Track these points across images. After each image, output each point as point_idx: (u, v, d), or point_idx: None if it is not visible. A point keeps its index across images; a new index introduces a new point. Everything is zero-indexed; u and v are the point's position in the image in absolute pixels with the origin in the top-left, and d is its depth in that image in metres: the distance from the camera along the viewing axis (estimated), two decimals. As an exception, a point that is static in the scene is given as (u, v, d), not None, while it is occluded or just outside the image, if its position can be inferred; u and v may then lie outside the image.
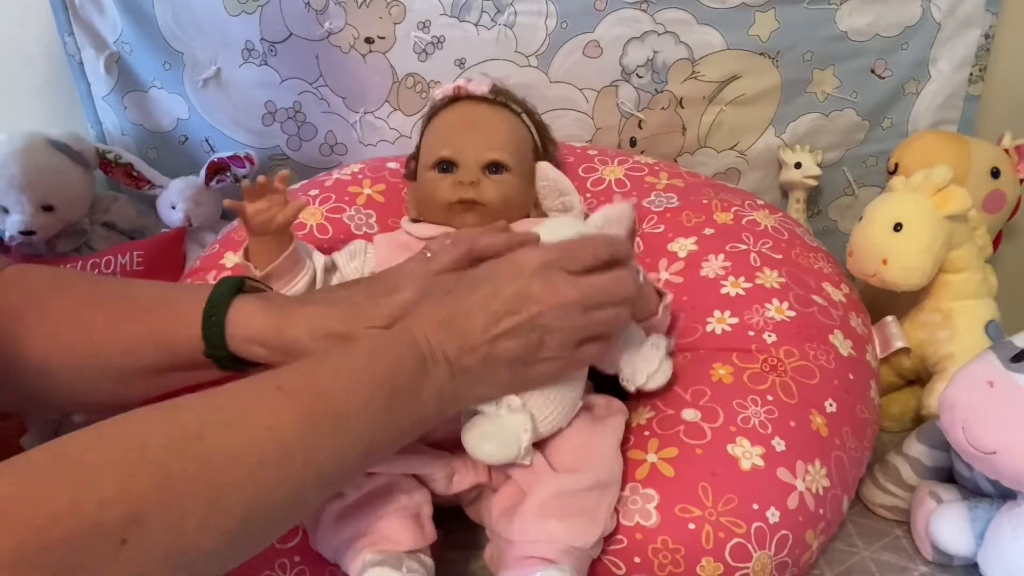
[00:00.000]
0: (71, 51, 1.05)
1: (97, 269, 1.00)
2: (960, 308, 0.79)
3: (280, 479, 0.45)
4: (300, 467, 0.46)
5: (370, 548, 0.55)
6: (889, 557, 0.66)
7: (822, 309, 0.73)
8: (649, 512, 0.59)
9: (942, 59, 1.00)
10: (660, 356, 0.65)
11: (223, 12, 1.00)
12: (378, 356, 0.52)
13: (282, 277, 0.70)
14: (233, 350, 0.60)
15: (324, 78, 1.03)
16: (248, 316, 0.60)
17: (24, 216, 0.99)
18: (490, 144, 0.76)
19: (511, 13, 0.98)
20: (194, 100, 1.07)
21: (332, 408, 0.49)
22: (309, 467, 0.47)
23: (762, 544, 0.58)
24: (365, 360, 0.52)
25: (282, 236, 0.67)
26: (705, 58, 1.00)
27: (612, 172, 0.89)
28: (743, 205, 0.82)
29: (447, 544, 0.65)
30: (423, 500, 0.60)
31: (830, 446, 0.64)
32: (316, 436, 0.47)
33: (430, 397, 0.52)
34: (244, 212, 0.62)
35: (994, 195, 0.89)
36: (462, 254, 0.62)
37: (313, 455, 0.47)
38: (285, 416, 0.47)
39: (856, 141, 1.05)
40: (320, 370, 0.51)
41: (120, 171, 1.06)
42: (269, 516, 0.46)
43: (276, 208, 0.63)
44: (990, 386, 0.57)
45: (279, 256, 0.66)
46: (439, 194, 0.75)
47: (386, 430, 0.51)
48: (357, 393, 0.50)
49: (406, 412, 0.52)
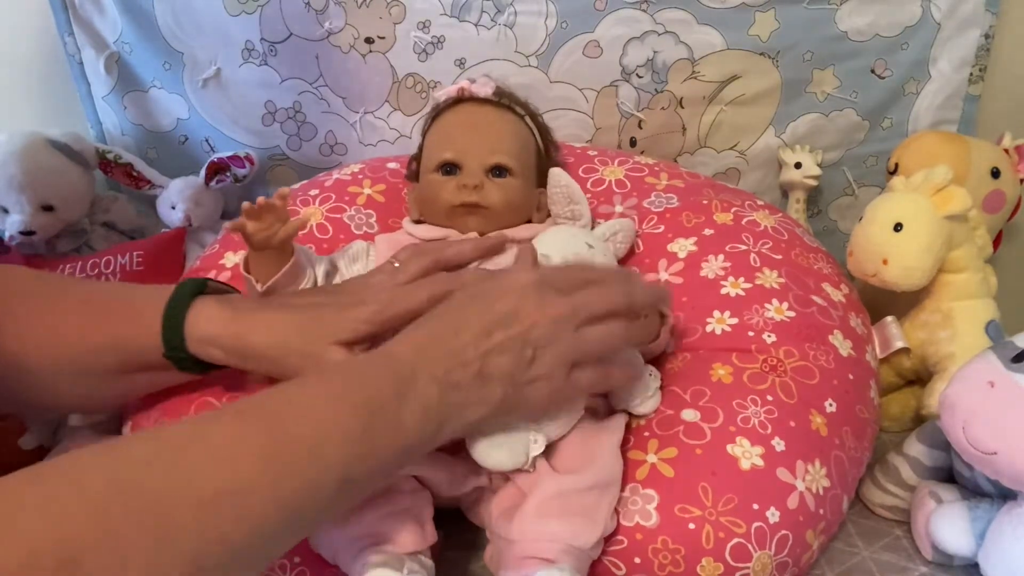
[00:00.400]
0: (71, 51, 1.05)
1: (97, 269, 1.00)
2: (960, 308, 0.79)
3: (237, 517, 0.40)
4: (262, 502, 0.41)
5: (371, 549, 0.55)
6: (889, 557, 0.66)
7: (822, 309, 0.73)
8: (649, 512, 0.59)
9: (942, 59, 1.00)
10: (656, 385, 0.67)
11: (223, 12, 1.00)
12: (352, 378, 0.49)
13: (284, 290, 0.69)
14: (192, 352, 0.60)
15: (324, 78, 1.03)
16: (208, 318, 0.60)
17: (24, 216, 0.99)
18: (494, 147, 0.76)
19: (511, 13, 0.98)
20: (194, 100, 1.07)
21: (298, 433, 0.44)
22: (273, 502, 0.42)
23: (762, 544, 0.58)
24: (338, 383, 0.49)
25: (283, 250, 0.67)
26: (705, 58, 1.00)
27: (612, 172, 0.89)
28: (743, 205, 0.82)
29: (447, 545, 0.65)
30: (424, 501, 0.59)
31: (830, 446, 0.64)
32: (281, 465, 0.42)
33: (414, 420, 0.48)
34: (244, 230, 0.62)
35: (994, 195, 0.89)
36: (429, 264, 0.62)
37: (277, 488, 0.42)
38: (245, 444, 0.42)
39: (856, 141, 1.05)
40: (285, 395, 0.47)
41: (120, 171, 1.06)
42: (226, 561, 0.40)
43: (277, 225, 0.63)
44: (990, 386, 0.57)
45: (279, 270, 0.66)
46: (442, 196, 0.75)
47: (364, 459, 0.46)
48: (327, 418, 0.46)
49: (387, 437, 0.47)
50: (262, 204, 0.60)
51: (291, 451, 0.43)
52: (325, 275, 0.72)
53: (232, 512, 0.40)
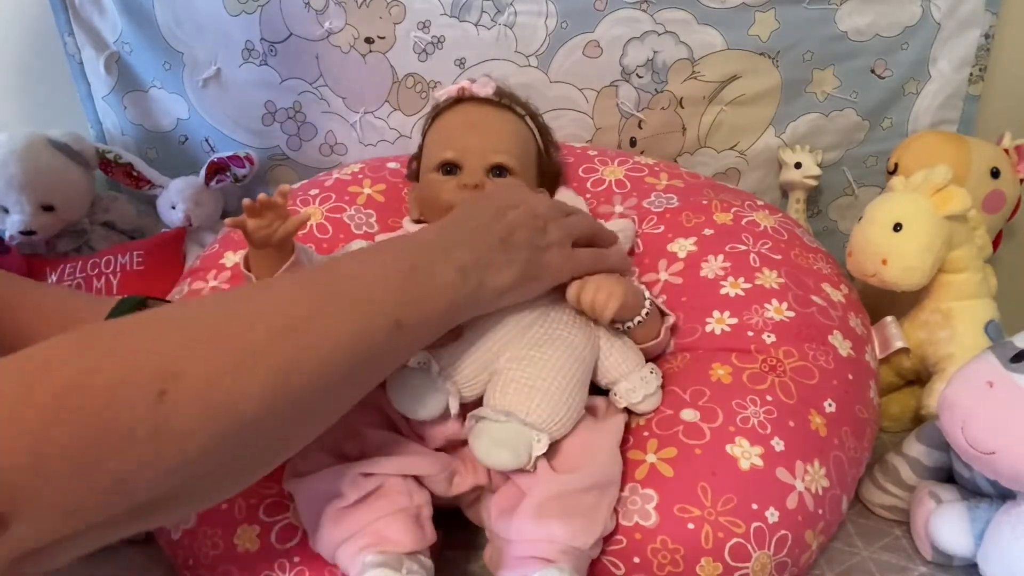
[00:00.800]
0: (71, 51, 1.06)
1: (97, 269, 1.00)
2: (960, 308, 0.79)
3: (305, 346, 0.46)
4: (326, 336, 0.47)
5: (370, 549, 0.55)
6: (889, 557, 0.66)
7: (821, 309, 0.73)
8: (648, 512, 0.59)
9: (942, 59, 1.00)
10: (658, 383, 0.67)
11: (223, 12, 1.00)
12: (391, 243, 0.59)
13: None
14: None
15: (324, 78, 1.03)
16: None
17: (24, 216, 0.99)
18: (494, 147, 0.76)
19: (511, 13, 0.98)
20: (194, 100, 1.07)
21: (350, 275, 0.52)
22: (334, 338, 0.48)
23: (761, 544, 0.58)
24: (376, 247, 0.59)
25: (283, 248, 0.67)
26: (705, 58, 1.00)
27: (612, 172, 0.89)
28: (743, 206, 0.82)
29: (447, 544, 0.65)
30: (423, 501, 0.60)
31: (829, 446, 0.64)
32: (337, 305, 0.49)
33: (452, 277, 0.54)
34: (245, 227, 0.62)
35: (994, 195, 0.89)
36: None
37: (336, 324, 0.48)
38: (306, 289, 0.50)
39: (856, 141, 1.05)
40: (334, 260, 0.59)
41: (120, 171, 1.06)
42: (297, 395, 0.46)
43: (277, 223, 0.63)
44: (989, 386, 0.57)
45: (279, 268, 0.66)
46: (442, 196, 0.75)
47: (412, 306, 0.52)
48: (374, 271, 0.52)
49: (431, 289, 0.53)
50: (263, 201, 0.60)
51: (346, 291, 0.50)
52: None
53: (300, 342, 0.46)
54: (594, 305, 0.63)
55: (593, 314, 0.64)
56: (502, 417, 0.58)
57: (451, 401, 0.60)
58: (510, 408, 0.59)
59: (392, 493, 0.58)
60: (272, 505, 0.62)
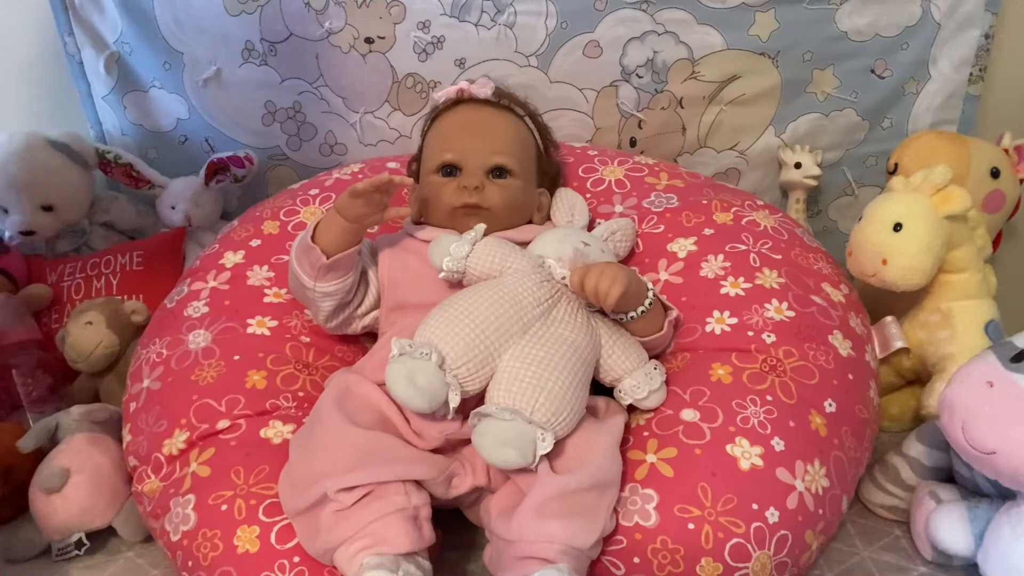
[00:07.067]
0: (71, 51, 1.06)
1: (97, 269, 1.00)
2: (960, 308, 0.79)
3: None
4: None
5: (367, 551, 0.55)
6: (889, 557, 0.66)
7: (821, 309, 0.73)
8: (648, 512, 0.59)
9: (942, 59, 1.00)
10: (662, 378, 0.67)
11: (223, 12, 1.00)
12: None
13: (338, 270, 0.70)
14: None
15: (324, 78, 1.03)
16: None
17: (24, 216, 0.99)
18: (494, 148, 0.76)
19: (511, 13, 0.98)
20: (194, 100, 1.07)
21: None
22: None
23: (761, 544, 0.58)
24: None
25: (360, 232, 0.70)
26: (705, 58, 1.00)
27: (612, 172, 0.89)
28: (743, 206, 0.82)
29: (446, 545, 0.65)
30: (421, 502, 0.59)
31: (829, 446, 0.64)
32: None
33: None
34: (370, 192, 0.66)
35: (994, 195, 0.89)
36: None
37: None
38: None
39: (856, 141, 1.05)
40: None
41: (120, 171, 1.06)
42: None
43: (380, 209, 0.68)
44: (989, 386, 0.57)
45: (347, 249, 0.69)
46: (443, 198, 0.75)
47: None
48: None
49: None
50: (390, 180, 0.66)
51: None
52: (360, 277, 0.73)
53: None
54: (597, 291, 0.63)
55: (596, 300, 0.63)
56: (506, 415, 0.58)
57: (451, 394, 0.59)
58: (515, 405, 0.58)
59: (390, 494, 0.58)
60: (272, 506, 0.62)
